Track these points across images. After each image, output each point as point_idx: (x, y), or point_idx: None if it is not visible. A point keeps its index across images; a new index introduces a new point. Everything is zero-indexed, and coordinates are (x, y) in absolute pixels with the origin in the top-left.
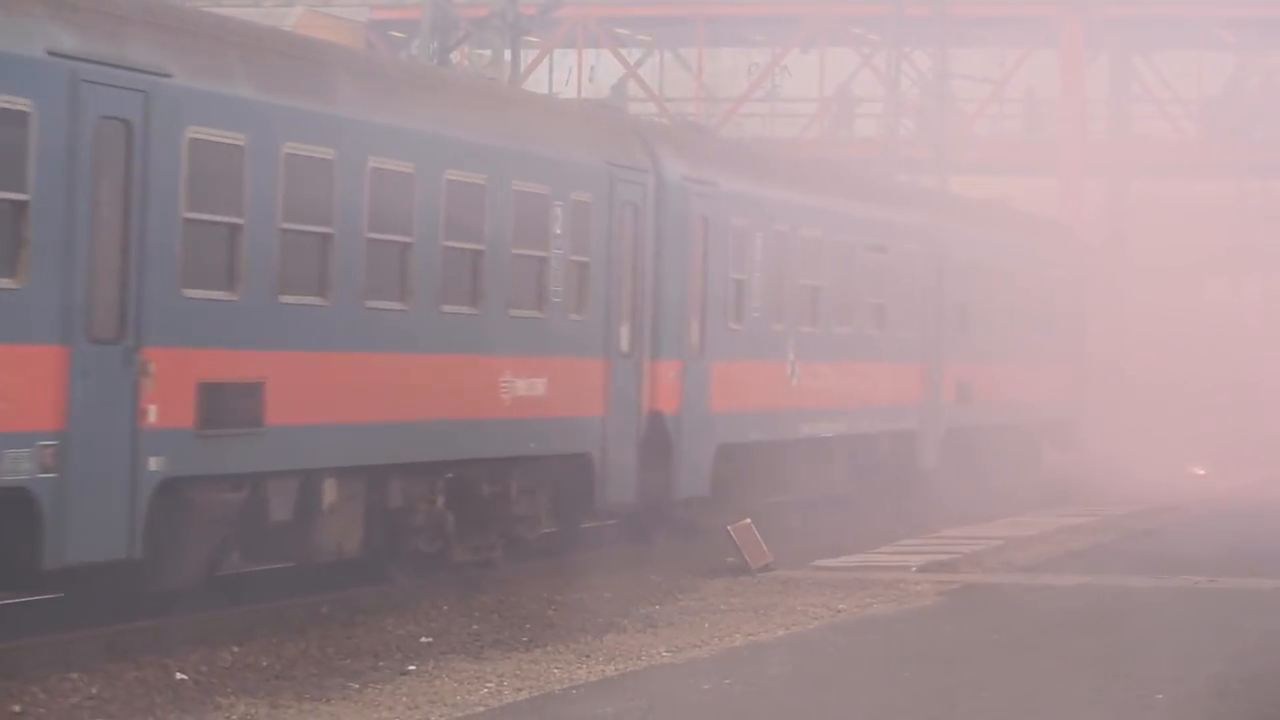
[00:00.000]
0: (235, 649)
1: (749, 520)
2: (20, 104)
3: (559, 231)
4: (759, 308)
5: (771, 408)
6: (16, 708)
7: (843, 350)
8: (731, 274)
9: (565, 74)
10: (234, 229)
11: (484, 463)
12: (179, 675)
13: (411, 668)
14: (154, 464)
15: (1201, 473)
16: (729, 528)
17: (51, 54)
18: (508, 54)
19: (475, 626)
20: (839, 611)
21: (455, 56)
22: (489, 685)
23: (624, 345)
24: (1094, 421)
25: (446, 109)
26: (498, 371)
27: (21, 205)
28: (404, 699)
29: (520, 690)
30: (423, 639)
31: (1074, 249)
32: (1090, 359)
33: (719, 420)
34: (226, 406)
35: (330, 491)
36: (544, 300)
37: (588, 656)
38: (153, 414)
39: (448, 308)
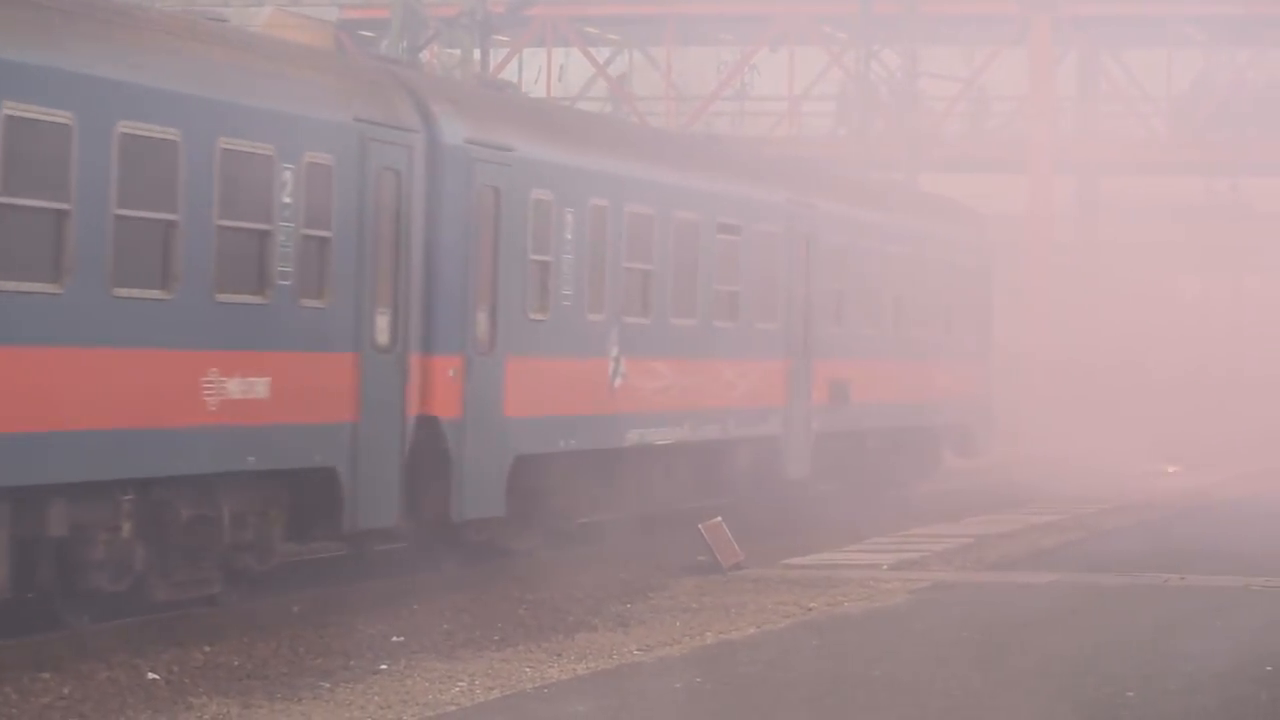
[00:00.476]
0: (207, 649)
1: (719, 519)
2: None
3: (288, 200)
4: (571, 295)
5: (589, 412)
6: None
7: (684, 345)
8: (532, 255)
9: (535, 73)
10: None
11: (184, 481)
12: (151, 675)
13: (383, 667)
14: None
15: (1172, 470)
16: (700, 526)
17: None
18: (477, 53)
19: (446, 626)
20: (810, 610)
21: (425, 55)
22: (461, 684)
23: (382, 337)
24: (1061, 418)
25: (121, 47)
26: (199, 369)
27: None
28: (376, 698)
29: (492, 689)
30: (394, 638)
31: (980, 234)
32: (1031, 355)
33: (516, 426)
34: None
35: None
36: (267, 283)
37: (559, 655)
38: None
39: (124, 291)
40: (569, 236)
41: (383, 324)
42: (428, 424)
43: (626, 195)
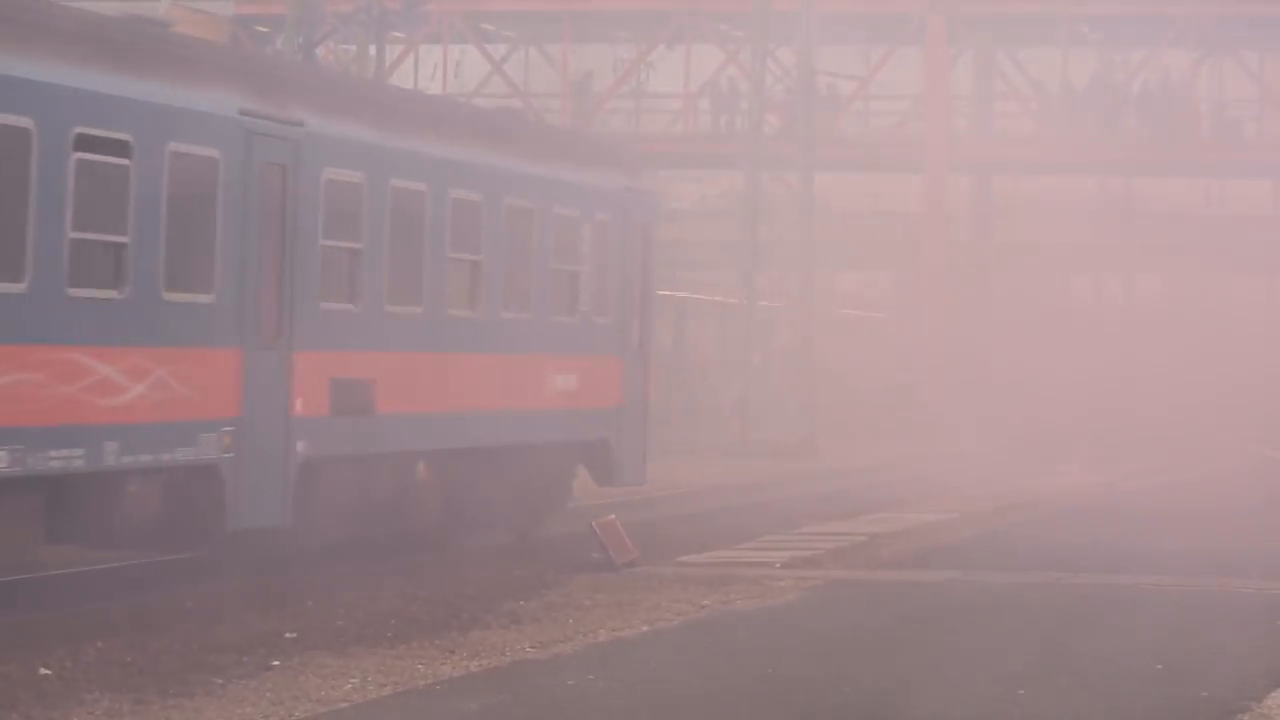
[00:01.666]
0: (100, 644)
1: (613, 516)
2: None
3: None
4: None
5: None
6: None
7: None
8: None
9: (431, 70)
10: None
11: None
12: (43, 671)
13: (275, 663)
14: None
15: (1066, 469)
16: (593, 523)
17: None
18: (373, 49)
19: (339, 622)
20: (703, 607)
21: (321, 51)
22: (353, 681)
23: None
24: (958, 415)
25: None
26: None
27: None
28: (268, 694)
29: (384, 686)
30: (287, 634)
31: (632, 183)
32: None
33: None
34: None
35: None
36: None
37: (452, 652)
38: None
39: None
40: None
41: None
42: None
43: None
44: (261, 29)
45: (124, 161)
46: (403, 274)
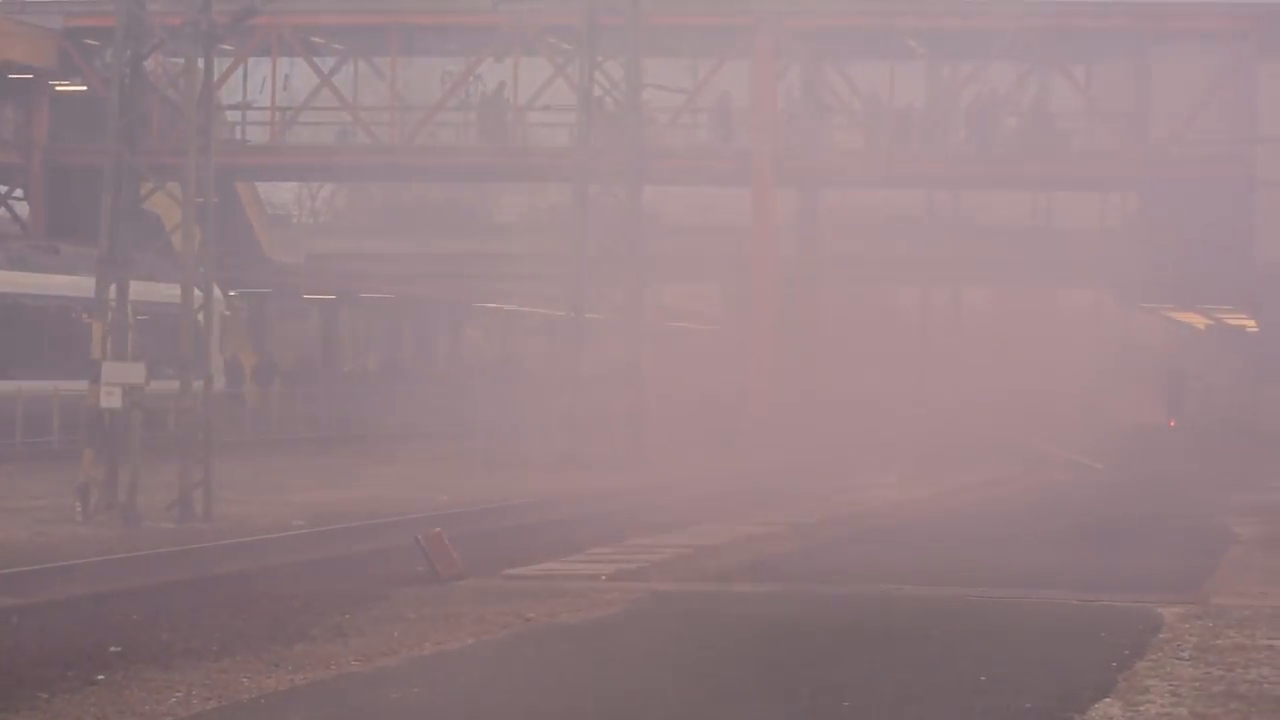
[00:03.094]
0: None
1: (439, 529)
2: None
3: None
4: None
5: None
6: None
7: None
8: None
9: (259, 83)
10: None
11: None
12: None
13: (100, 677)
14: None
15: (890, 481)
16: (418, 536)
17: None
18: (201, 62)
19: (165, 636)
20: (528, 620)
21: (149, 64)
22: (178, 694)
23: None
24: (777, 429)
25: None
26: None
27: None
28: (92, 709)
29: (209, 700)
30: (112, 648)
31: None
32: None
33: None
34: None
35: None
36: None
37: (277, 666)
38: None
39: None
40: None
41: None
42: None
43: None
44: (90, 42)
45: None
46: None
